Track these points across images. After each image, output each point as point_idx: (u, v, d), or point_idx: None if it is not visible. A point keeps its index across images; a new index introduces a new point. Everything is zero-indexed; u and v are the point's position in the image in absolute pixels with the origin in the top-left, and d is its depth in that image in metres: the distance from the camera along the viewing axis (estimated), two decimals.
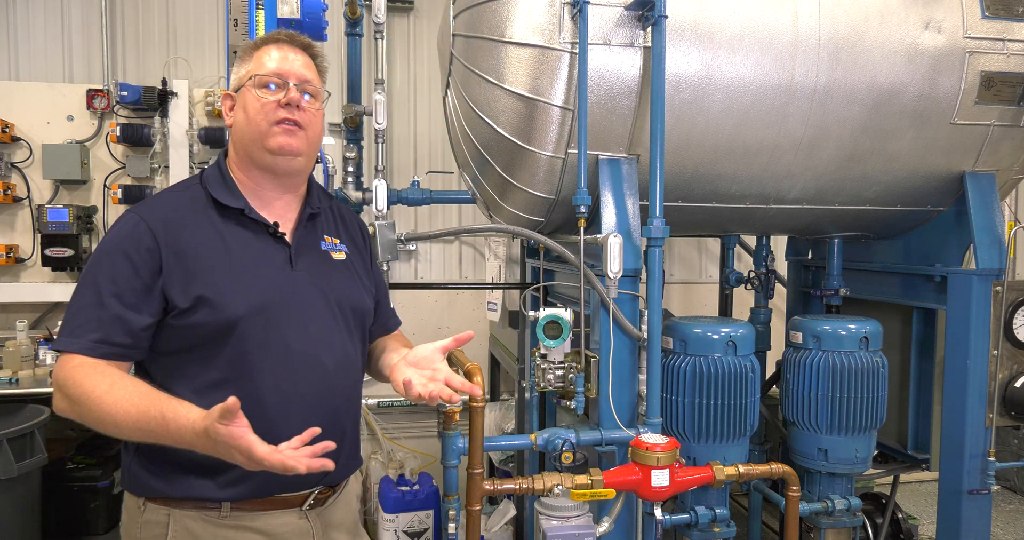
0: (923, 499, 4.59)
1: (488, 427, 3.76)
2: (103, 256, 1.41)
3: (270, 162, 1.48)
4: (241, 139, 1.50)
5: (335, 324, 1.52)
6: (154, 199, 1.51)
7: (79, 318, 1.38)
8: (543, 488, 1.98)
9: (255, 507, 1.42)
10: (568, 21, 2.10)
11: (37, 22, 4.03)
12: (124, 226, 1.42)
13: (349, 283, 1.59)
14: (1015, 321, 2.48)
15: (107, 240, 1.43)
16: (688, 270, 4.81)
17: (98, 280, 1.38)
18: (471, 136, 2.33)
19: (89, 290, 1.38)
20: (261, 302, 1.41)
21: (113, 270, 1.38)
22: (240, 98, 1.50)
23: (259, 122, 1.45)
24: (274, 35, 1.54)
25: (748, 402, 2.38)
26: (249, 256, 1.45)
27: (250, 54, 1.52)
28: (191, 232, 1.42)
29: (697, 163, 2.34)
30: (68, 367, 1.33)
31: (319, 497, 1.51)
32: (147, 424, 1.23)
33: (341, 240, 1.63)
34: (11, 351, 3.53)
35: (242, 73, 1.51)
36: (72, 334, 1.36)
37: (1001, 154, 2.53)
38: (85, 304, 1.38)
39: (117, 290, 1.37)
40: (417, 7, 4.37)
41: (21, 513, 3.23)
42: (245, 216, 1.47)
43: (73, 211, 3.79)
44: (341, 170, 3.15)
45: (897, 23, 2.33)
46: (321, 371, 1.47)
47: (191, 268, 1.39)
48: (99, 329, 1.36)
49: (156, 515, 1.41)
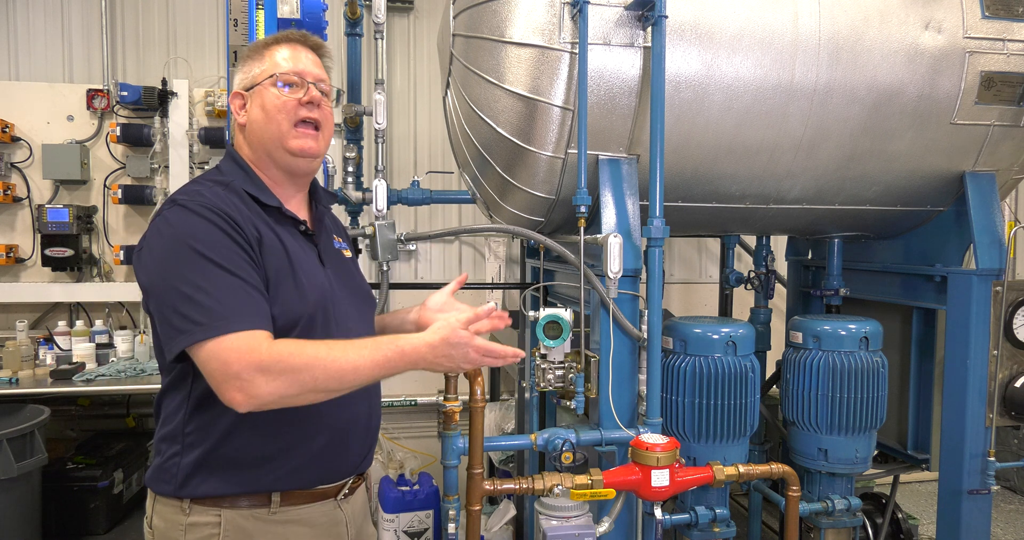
0: (923, 499, 4.59)
1: (488, 427, 3.76)
2: (196, 240, 1.29)
3: (289, 163, 1.50)
4: (260, 138, 1.49)
5: (361, 319, 1.61)
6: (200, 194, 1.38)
7: (229, 302, 1.26)
8: (543, 488, 1.98)
9: (301, 500, 1.45)
10: (568, 21, 2.10)
11: (37, 22, 4.03)
12: (199, 212, 1.33)
13: (362, 278, 1.69)
14: (1015, 321, 2.48)
15: (190, 225, 1.31)
16: (688, 270, 4.81)
17: (218, 260, 1.29)
18: (471, 136, 2.33)
19: (214, 274, 1.27)
20: (320, 298, 1.44)
21: (219, 246, 1.30)
22: (256, 97, 1.49)
23: (280, 121, 1.46)
24: (288, 34, 1.54)
25: (748, 402, 2.38)
26: (298, 254, 1.46)
27: (261, 53, 1.52)
28: (257, 229, 1.39)
29: (697, 163, 2.34)
30: (261, 346, 1.24)
31: (352, 486, 1.57)
32: (386, 360, 1.31)
33: (343, 239, 1.70)
34: (11, 351, 3.53)
35: (256, 71, 1.50)
36: (235, 317, 1.25)
37: (1001, 154, 2.53)
38: (223, 286, 1.27)
39: (241, 268, 1.30)
40: (417, 7, 4.37)
41: (21, 513, 3.23)
42: (281, 214, 1.48)
43: (73, 211, 3.80)
44: (341, 170, 3.14)
45: (897, 23, 2.33)
46: None
47: (269, 257, 1.38)
48: (258, 307, 1.30)
49: (205, 516, 1.38)
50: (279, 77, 1.47)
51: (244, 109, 1.52)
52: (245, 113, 1.51)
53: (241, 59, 1.56)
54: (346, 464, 1.53)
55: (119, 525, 3.74)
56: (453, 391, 2.16)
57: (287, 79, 1.47)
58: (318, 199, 1.62)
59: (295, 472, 1.43)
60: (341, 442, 1.49)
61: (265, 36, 1.60)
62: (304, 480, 1.45)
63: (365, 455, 1.59)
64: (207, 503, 1.39)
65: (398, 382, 4.41)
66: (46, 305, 4.02)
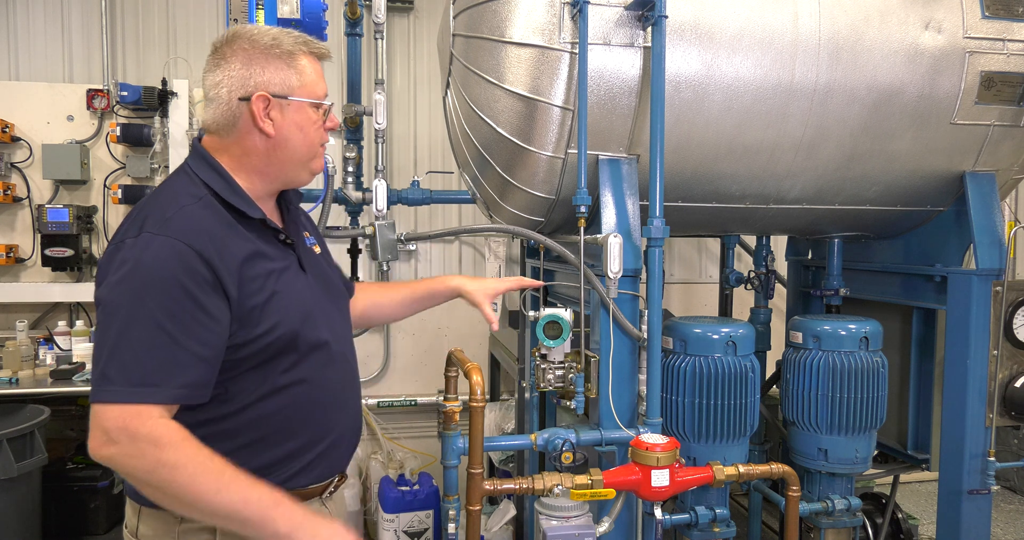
0: (923, 499, 4.59)
1: (488, 427, 3.76)
2: (154, 291, 1.23)
3: (302, 181, 1.50)
4: (287, 156, 1.43)
5: (343, 318, 1.61)
6: (180, 216, 1.30)
7: (152, 364, 1.22)
8: (543, 488, 1.98)
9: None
10: (568, 21, 2.10)
11: (37, 22, 4.03)
12: (164, 253, 1.25)
13: (334, 272, 1.66)
14: (1015, 321, 2.48)
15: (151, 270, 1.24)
16: (688, 270, 4.81)
17: (160, 320, 1.22)
18: (471, 136, 2.33)
19: (153, 331, 1.22)
20: (305, 309, 1.43)
21: (173, 305, 1.23)
22: (291, 111, 1.40)
23: (314, 144, 1.45)
24: (319, 47, 1.45)
25: (748, 402, 2.38)
26: (280, 266, 1.43)
27: (296, 59, 1.41)
28: (238, 251, 1.32)
29: (697, 163, 2.34)
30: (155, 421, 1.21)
31: (336, 484, 1.57)
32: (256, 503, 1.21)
33: (310, 233, 1.64)
34: (11, 351, 3.53)
35: (294, 83, 1.40)
36: (150, 383, 1.22)
37: (1001, 154, 2.53)
38: (152, 346, 1.22)
39: (185, 328, 1.24)
40: (417, 7, 4.37)
41: (21, 513, 3.23)
42: (265, 226, 1.43)
43: (73, 211, 3.79)
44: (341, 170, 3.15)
45: (897, 23, 2.33)
46: (349, 365, 1.57)
47: (252, 289, 1.33)
48: (181, 374, 1.24)
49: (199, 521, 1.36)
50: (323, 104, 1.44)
51: (268, 116, 1.39)
52: (271, 122, 1.39)
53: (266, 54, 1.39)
54: (337, 466, 1.54)
55: (119, 525, 3.73)
56: (453, 391, 2.16)
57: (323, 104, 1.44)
58: (288, 199, 1.56)
59: (291, 479, 1.43)
60: (335, 447, 1.50)
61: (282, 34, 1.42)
62: (298, 484, 1.45)
63: (351, 455, 1.60)
64: None
65: (398, 382, 4.42)
66: (46, 305, 4.02)
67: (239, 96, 1.37)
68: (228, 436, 1.37)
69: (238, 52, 1.38)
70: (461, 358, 2.14)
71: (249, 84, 1.37)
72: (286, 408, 1.41)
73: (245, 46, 1.38)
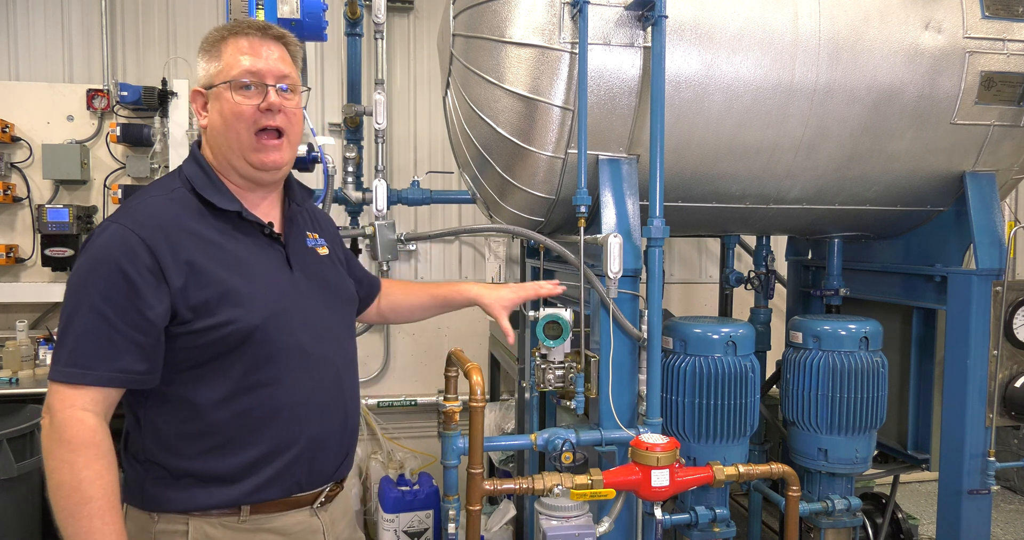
0: (923, 499, 4.59)
1: (488, 427, 3.76)
2: (96, 276, 1.27)
3: (252, 175, 1.43)
4: (219, 146, 1.41)
5: (337, 321, 1.55)
6: (140, 207, 1.34)
7: (86, 345, 1.25)
8: (543, 488, 1.98)
9: (272, 509, 1.42)
10: (568, 21, 2.10)
11: (37, 22, 4.03)
12: (111, 240, 1.28)
13: (338, 276, 1.61)
14: (1015, 321, 2.48)
15: (95, 256, 1.28)
16: (688, 270, 4.81)
17: (96, 302, 1.25)
18: (471, 136, 2.33)
19: (91, 315, 1.25)
20: (274, 307, 1.38)
21: (111, 290, 1.26)
22: (214, 100, 1.39)
23: (239, 131, 1.38)
24: (242, 26, 1.40)
25: (748, 402, 2.38)
26: (253, 261, 1.40)
27: (217, 47, 1.40)
28: (192, 240, 1.33)
29: (697, 163, 2.34)
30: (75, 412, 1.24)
31: (329, 494, 1.52)
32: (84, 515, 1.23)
33: (319, 234, 1.62)
34: (11, 351, 3.53)
35: (212, 70, 1.39)
36: (81, 364, 1.24)
37: (1001, 154, 2.53)
38: (89, 329, 1.25)
39: (123, 312, 1.26)
40: (417, 7, 4.37)
41: (21, 513, 3.22)
42: (242, 219, 1.41)
43: (73, 211, 3.79)
44: (341, 170, 3.15)
45: (897, 23, 2.33)
46: (333, 370, 1.49)
47: (204, 280, 1.31)
48: (116, 357, 1.26)
49: (173, 524, 1.36)
50: (235, 81, 1.36)
51: (205, 109, 1.42)
52: (206, 115, 1.42)
53: (200, 51, 1.43)
54: (321, 474, 1.48)
55: None
56: (453, 391, 2.16)
57: (243, 81, 1.36)
58: (292, 196, 1.54)
59: (262, 488, 1.39)
60: (314, 453, 1.45)
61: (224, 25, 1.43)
62: (273, 493, 1.40)
63: (342, 462, 1.53)
64: (175, 512, 1.37)
65: (398, 382, 4.42)
66: (46, 305, 4.02)
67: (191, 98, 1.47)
68: (193, 439, 1.36)
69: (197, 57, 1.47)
70: (461, 358, 2.14)
71: (195, 82, 1.46)
72: (250, 411, 1.37)
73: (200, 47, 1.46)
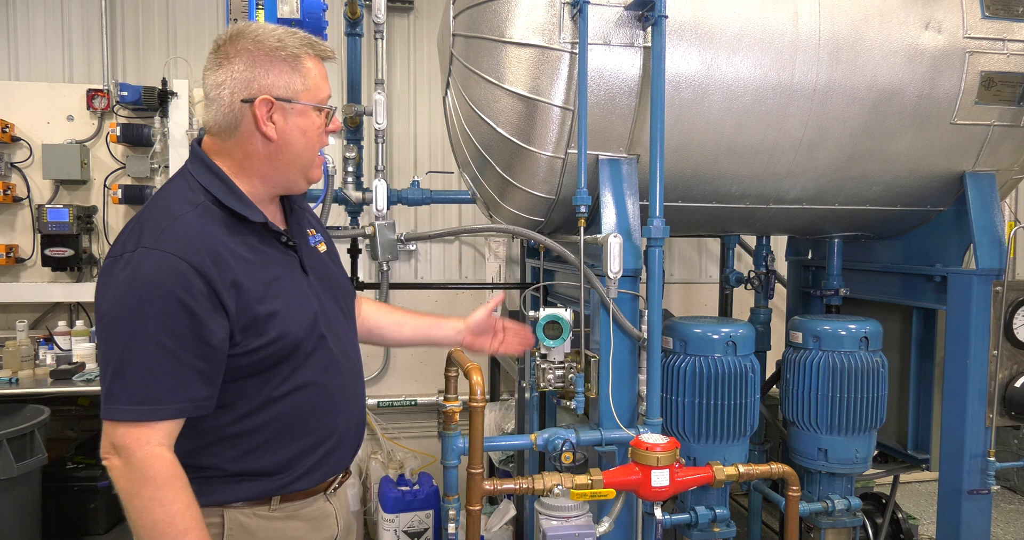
0: (923, 499, 4.59)
1: (488, 427, 3.76)
2: (153, 308, 1.23)
3: (300, 188, 1.48)
4: (289, 161, 1.39)
5: (346, 319, 1.59)
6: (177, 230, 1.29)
7: (152, 381, 1.24)
8: (543, 488, 1.98)
9: (298, 497, 1.46)
10: (568, 21, 2.10)
11: (37, 22, 4.03)
12: (161, 269, 1.24)
13: (339, 271, 1.64)
14: (1015, 321, 2.48)
15: (148, 286, 1.24)
16: (688, 270, 4.81)
17: (156, 335, 1.23)
18: (471, 136, 2.33)
19: (150, 348, 1.23)
20: (309, 316, 1.42)
21: (171, 321, 1.23)
22: (295, 116, 1.37)
23: (315, 150, 1.42)
24: (323, 48, 1.41)
25: (748, 402, 2.38)
26: (280, 272, 1.41)
27: (300, 62, 1.36)
28: (235, 260, 1.31)
29: (697, 163, 2.34)
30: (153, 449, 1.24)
31: (341, 480, 1.58)
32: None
33: (316, 230, 1.62)
34: (11, 351, 3.53)
35: (297, 86, 1.36)
36: (151, 401, 1.24)
37: (1001, 154, 2.53)
38: (154, 364, 1.24)
39: (185, 343, 1.25)
40: (417, 7, 4.37)
41: (21, 513, 3.23)
42: (266, 229, 1.41)
43: (73, 211, 3.79)
44: (341, 170, 3.15)
45: (897, 23, 2.33)
46: (353, 368, 1.57)
47: (251, 300, 1.32)
48: (183, 388, 1.26)
49: (208, 517, 1.35)
50: (326, 108, 1.40)
51: (271, 120, 1.35)
52: (273, 126, 1.35)
53: (269, 56, 1.34)
54: (341, 464, 1.55)
55: (119, 525, 3.73)
56: (453, 391, 2.16)
57: (326, 108, 1.41)
58: (291, 198, 1.55)
59: (296, 481, 1.44)
60: (338, 446, 1.51)
61: (287, 35, 1.37)
62: (303, 485, 1.46)
63: (355, 453, 1.61)
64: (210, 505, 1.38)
65: (398, 382, 4.42)
66: (46, 305, 4.02)
67: (242, 98, 1.33)
68: (231, 443, 1.37)
69: (242, 52, 1.33)
70: (461, 358, 2.14)
71: (253, 87, 1.33)
72: (287, 413, 1.41)
73: (249, 47, 1.33)
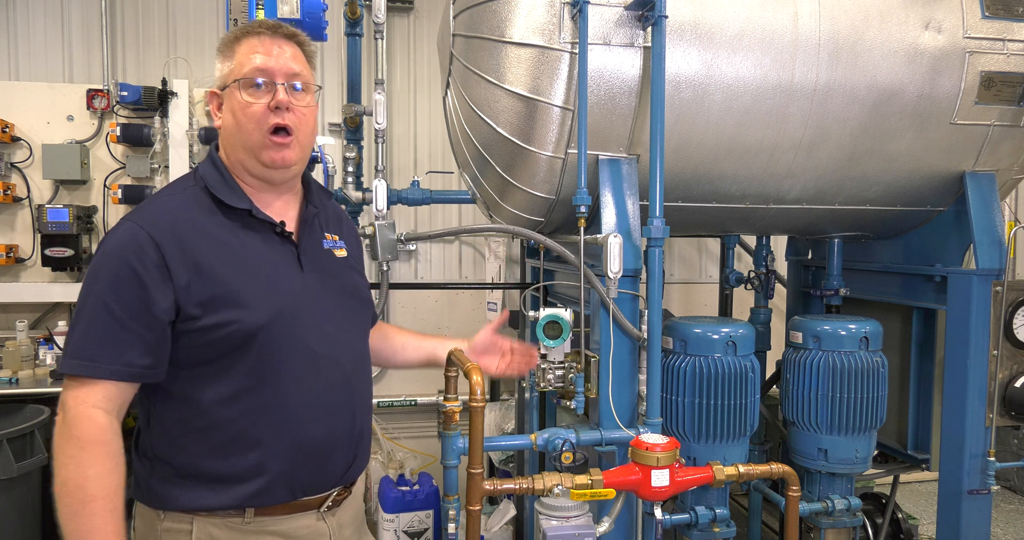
0: (923, 499, 4.59)
1: (488, 427, 3.76)
2: (105, 271, 1.31)
3: (263, 173, 1.45)
4: (232, 145, 1.44)
5: (347, 323, 1.54)
6: (152, 205, 1.39)
7: (91, 337, 1.29)
8: (543, 488, 1.98)
9: (277, 512, 1.41)
10: (568, 21, 2.10)
11: (37, 22, 4.03)
12: (123, 237, 1.33)
13: (354, 278, 1.62)
14: (1015, 321, 2.48)
15: (107, 252, 1.33)
16: (688, 270, 4.81)
17: (106, 298, 1.29)
18: (471, 136, 2.33)
19: (98, 309, 1.29)
20: (280, 307, 1.39)
21: (120, 286, 1.29)
22: (227, 99, 1.42)
23: (250, 130, 1.39)
24: (255, 26, 1.42)
25: (748, 402, 2.38)
26: (262, 260, 1.41)
27: (231, 47, 1.42)
28: (202, 239, 1.35)
29: (697, 163, 2.34)
30: (86, 409, 1.27)
31: (337, 498, 1.51)
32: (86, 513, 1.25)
33: (341, 237, 1.62)
34: (11, 351, 3.53)
35: (225, 70, 1.42)
36: (87, 356, 1.28)
37: (1001, 154, 2.53)
38: (98, 323, 1.29)
39: (128, 306, 1.29)
40: (417, 7, 4.37)
41: (21, 513, 3.22)
42: (252, 217, 1.42)
43: (73, 211, 3.79)
44: (341, 170, 3.15)
45: (897, 23, 2.33)
46: (341, 372, 1.48)
47: (209, 278, 1.33)
48: (121, 351, 1.29)
49: (178, 523, 1.37)
50: (245, 79, 1.38)
51: (220, 110, 1.44)
52: (220, 115, 1.44)
53: (216, 52, 1.46)
54: (327, 478, 1.47)
55: None
56: (453, 391, 2.16)
57: (253, 80, 1.38)
58: (310, 198, 1.55)
59: (266, 491, 1.39)
60: (320, 455, 1.44)
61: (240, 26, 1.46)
62: (277, 497, 1.40)
63: (350, 465, 1.52)
64: (180, 511, 1.37)
65: (398, 382, 4.42)
66: (46, 305, 4.02)
67: None
68: (197, 437, 1.37)
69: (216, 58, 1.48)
70: (461, 358, 2.13)
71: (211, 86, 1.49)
72: (253, 410, 1.37)
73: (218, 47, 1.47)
